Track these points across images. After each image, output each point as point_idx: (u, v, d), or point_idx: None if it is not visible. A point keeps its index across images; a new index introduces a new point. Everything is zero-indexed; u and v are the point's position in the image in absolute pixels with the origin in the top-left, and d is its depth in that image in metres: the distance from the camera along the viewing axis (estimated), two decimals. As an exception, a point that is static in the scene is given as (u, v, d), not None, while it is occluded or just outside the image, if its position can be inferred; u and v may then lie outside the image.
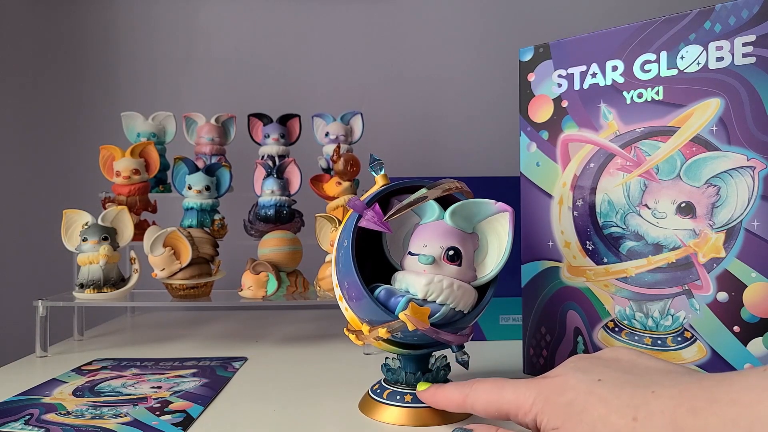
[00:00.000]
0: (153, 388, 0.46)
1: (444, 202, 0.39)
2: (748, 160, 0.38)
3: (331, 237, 0.53)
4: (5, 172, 0.90)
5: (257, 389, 0.47)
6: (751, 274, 0.37)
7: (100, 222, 0.60)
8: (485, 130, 0.92)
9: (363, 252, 0.38)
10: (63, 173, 0.90)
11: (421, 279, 0.36)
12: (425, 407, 0.39)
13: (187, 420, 0.39)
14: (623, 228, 0.43)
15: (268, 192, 0.66)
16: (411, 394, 0.39)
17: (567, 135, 0.45)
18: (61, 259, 0.69)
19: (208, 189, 0.67)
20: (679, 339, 0.40)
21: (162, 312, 0.84)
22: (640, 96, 0.42)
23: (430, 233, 0.37)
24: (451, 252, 0.37)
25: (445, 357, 0.42)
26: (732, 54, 0.38)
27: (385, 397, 0.40)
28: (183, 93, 0.91)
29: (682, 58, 0.40)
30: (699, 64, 0.39)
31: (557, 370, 0.31)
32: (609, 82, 0.43)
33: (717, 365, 0.39)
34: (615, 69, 0.43)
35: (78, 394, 0.45)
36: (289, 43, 0.92)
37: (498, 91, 0.89)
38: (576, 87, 0.45)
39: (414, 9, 0.93)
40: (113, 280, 0.60)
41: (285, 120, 0.76)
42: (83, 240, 0.59)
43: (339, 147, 0.66)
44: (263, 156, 0.75)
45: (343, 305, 0.40)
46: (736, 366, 0.38)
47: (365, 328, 0.37)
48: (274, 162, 0.73)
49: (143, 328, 0.72)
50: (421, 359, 0.41)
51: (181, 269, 0.59)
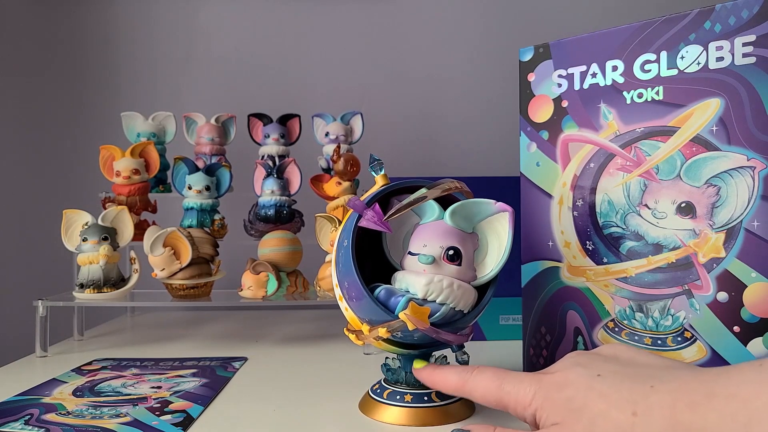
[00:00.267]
0: (153, 388, 0.46)
1: (444, 202, 0.39)
2: (748, 160, 0.38)
3: (331, 237, 0.53)
4: (5, 172, 0.90)
5: (257, 389, 0.47)
6: (751, 274, 0.37)
7: (100, 222, 0.60)
8: (485, 130, 0.92)
9: (363, 252, 0.38)
10: (63, 173, 0.90)
11: (421, 279, 0.36)
12: (425, 407, 0.39)
13: (187, 420, 0.39)
14: (623, 228, 0.43)
15: (268, 192, 0.66)
16: (411, 394, 0.39)
17: (567, 135, 0.45)
18: (61, 259, 0.69)
19: (208, 189, 0.67)
20: (679, 339, 0.40)
21: (162, 312, 0.84)
22: (640, 96, 0.42)
23: (430, 233, 0.37)
24: (451, 252, 0.37)
25: (445, 357, 0.42)
26: (732, 54, 0.38)
27: (386, 397, 0.40)
28: (183, 93, 0.91)
29: (682, 58, 0.40)
30: (699, 64, 0.39)
31: (557, 365, 0.32)
32: (609, 82, 0.43)
33: (717, 365, 0.38)
34: (615, 69, 0.43)
35: (78, 394, 0.45)
36: (289, 43, 0.92)
37: (498, 91, 0.89)
38: (576, 87, 0.45)
39: (414, 9, 0.93)
40: (113, 280, 0.60)
41: (285, 120, 0.76)
42: (83, 240, 0.59)
43: (339, 147, 0.66)
44: (263, 156, 0.75)
45: (343, 305, 0.40)
46: (736, 366, 0.38)
47: (365, 327, 0.37)
48: (274, 162, 0.73)
49: (143, 328, 0.72)
50: (421, 359, 0.41)
51: (181, 269, 0.59)
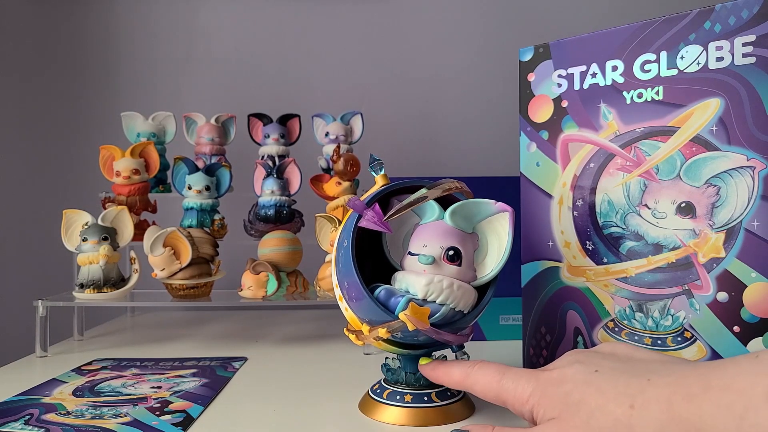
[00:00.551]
0: (153, 388, 0.46)
1: (444, 202, 0.39)
2: (748, 160, 0.37)
3: (331, 237, 0.53)
4: (5, 172, 0.90)
5: (257, 389, 0.47)
6: (751, 274, 0.37)
7: (100, 222, 0.60)
8: (485, 130, 0.92)
9: (363, 252, 0.38)
10: (63, 173, 0.90)
11: (421, 279, 0.36)
12: (426, 407, 0.39)
13: (187, 420, 0.39)
14: (623, 228, 0.43)
15: (268, 192, 0.66)
16: (411, 394, 0.39)
17: (567, 135, 0.45)
18: (61, 259, 0.69)
19: (208, 189, 0.67)
20: (679, 339, 0.40)
21: (162, 312, 0.84)
22: (640, 96, 0.42)
23: (430, 233, 0.37)
24: (451, 252, 0.37)
25: (445, 357, 0.42)
26: (732, 54, 0.38)
27: (386, 397, 0.40)
28: (183, 93, 0.91)
29: (682, 58, 0.40)
30: (699, 64, 0.39)
31: (556, 363, 0.32)
32: (609, 82, 0.43)
33: (717, 365, 0.39)
34: (615, 69, 0.43)
35: (78, 394, 0.45)
36: (289, 43, 0.92)
37: (498, 91, 0.89)
38: (576, 87, 0.45)
39: (414, 9, 0.93)
40: (113, 280, 0.60)
41: (285, 120, 0.76)
42: (83, 240, 0.59)
43: (339, 147, 0.66)
44: (263, 156, 0.75)
45: (343, 305, 0.40)
46: (736, 366, 0.38)
47: (365, 328, 0.37)
48: (274, 162, 0.73)
49: (143, 328, 0.72)
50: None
51: (181, 269, 0.59)
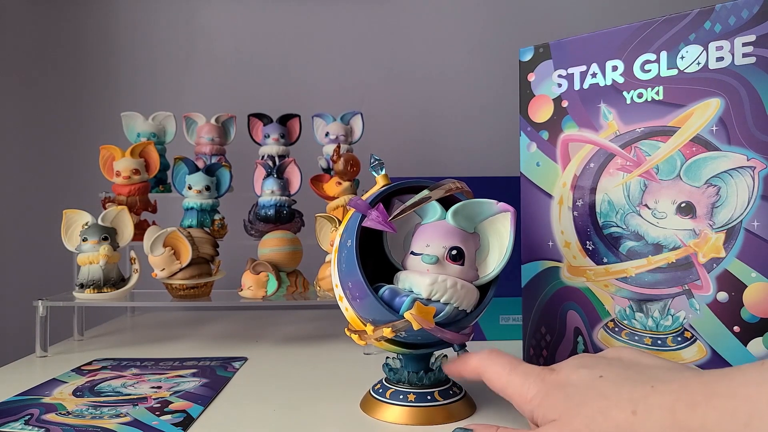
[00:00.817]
0: (153, 388, 0.46)
1: (444, 202, 0.39)
2: (748, 160, 0.38)
3: (331, 237, 0.53)
4: (5, 172, 0.90)
5: (257, 389, 0.47)
6: (751, 274, 0.37)
7: (100, 222, 0.60)
8: (485, 130, 0.92)
9: (364, 252, 0.38)
10: (63, 173, 0.90)
11: (425, 279, 0.36)
12: (428, 406, 0.39)
13: (187, 420, 0.39)
14: (623, 228, 0.43)
15: (268, 192, 0.66)
16: (414, 393, 0.39)
17: (567, 135, 0.45)
18: (61, 259, 0.69)
19: (208, 189, 0.67)
20: (679, 339, 0.40)
21: (162, 312, 0.84)
22: (640, 96, 0.42)
23: (432, 233, 0.38)
24: (454, 252, 0.37)
25: (446, 356, 0.42)
26: (732, 54, 0.38)
27: (388, 397, 0.40)
28: (183, 93, 0.91)
29: (682, 58, 0.40)
30: (699, 64, 0.39)
31: (562, 365, 0.32)
32: (609, 82, 0.43)
33: (717, 365, 0.39)
34: (615, 69, 0.43)
35: (78, 394, 0.45)
36: (289, 43, 0.92)
37: (498, 91, 0.89)
38: (576, 87, 0.45)
39: (414, 9, 0.93)
40: (113, 280, 0.60)
41: (285, 120, 0.76)
42: (83, 240, 0.59)
43: (339, 147, 0.66)
44: (263, 156, 0.75)
45: (344, 305, 0.40)
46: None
47: (369, 328, 0.37)
48: (274, 162, 0.73)
49: (143, 328, 0.72)
50: (423, 358, 0.41)
51: (181, 269, 0.59)
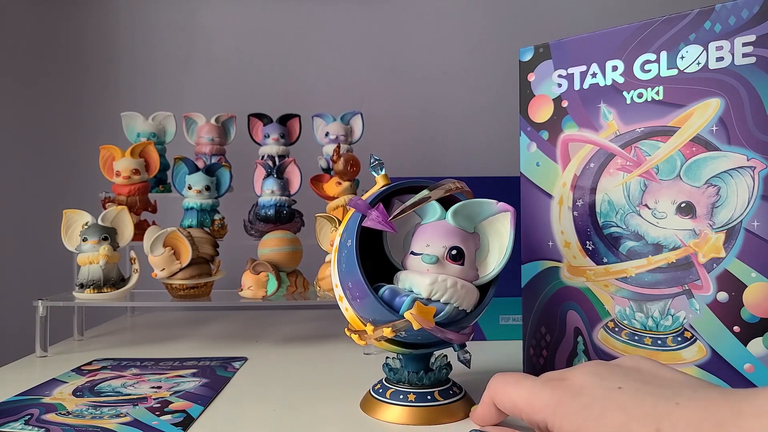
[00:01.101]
0: (153, 388, 0.46)
1: (444, 202, 0.39)
2: (748, 160, 0.38)
3: (331, 237, 0.53)
4: (5, 172, 0.90)
5: (257, 389, 0.47)
6: (751, 274, 0.37)
7: (100, 222, 0.60)
8: (485, 130, 0.92)
9: (364, 251, 0.38)
10: (63, 173, 0.90)
11: (426, 278, 0.36)
12: (429, 406, 0.39)
13: (187, 420, 0.39)
14: (623, 228, 0.43)
15: (268, 192, 0.66)
16: (414, 393, 0.39)
17: (567, 135, 0.45)
18: (61, 259, 0.69)
19: (208, 189, 0.67)
20: (679, 339, 0.40)
21: (162, 312, 0.84)
22: (640, 96, 0.42)
23: (432, 233, 0.38)
24: (454, 251, 0.37)
25: (446, 356, 0.42)
26: (732, 54, 0.38)
27: (388, 397, 0.40)
28: (183, 93, 0.91)
29: (682, 58, 0.40)
30: (699, 64, 0.39)
31: (574, 373, 0.30)
32: (609, 82, 0.43)
33: (717, 365, 0.39)
34: (615, 69, 0.43)
35: (78, 394, 0.45)
36: (289, 43, 0.92)
37: (498, 91, 0.89)
38: (576, 87, 0.45)
39: (414, 9, 0.93)
40: (113, 280, 0.60)
41: (285, 120, 0.76)
42: (83, 240, 0.59)
43: (339, 147, 0.66)
44: (263, 156, 0.75)
45: (344, 305, 0.40)
46: (735, 366, 0.38)
47: (369, 328, 0.37)
48: (274, 162, 0.73)
49: (143, 328, 0.72)
50: (423, 358, 0.41)
51: (181, 269, 0.59)
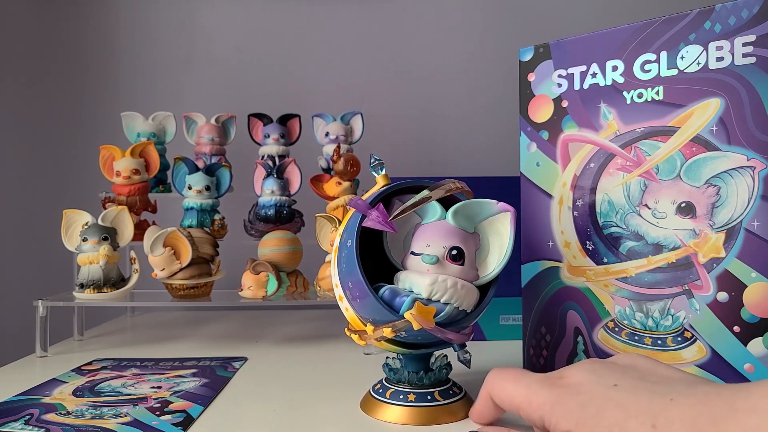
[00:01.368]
0: (153, 388, 0.46)
1: (444, 202, 0.39)
2: (748, 160, 0.38)
3: (331, 237, 0.53)
4: (5, 172, 0.90)
5: (257, 389, 0.47)
6: (751, 274, 0.37)
7: (100, 222, 0.60)
8: (485, 129, 0.92)
9: (364, 251, 0.38)
10: (63, 173, 0.90)
11: (426, 279, 0.36)
12: (429, 406, 0.39)
13: (187, 420, 0.39)
14: (623, 228, 0.43)
15: (268, 192, 0.66)
16: (414, 393, 0.39)
17: (567, 135, 0.45)
18: (61, 259, 0.69)
19: (208, 189, 0.67)
20: (679, 339, 0.40)
21: (162, 312, 0.84)
22: (640, 96, 0.42)
23: (432, 233, 0.38)
24: (454, 252, 0.37)
25: (446, 356, 0.42)
26: (732, 54, 0.38)
27: (388, 397, 0.40)
28: (183, 93, 0.91)
29: (682, 58, 0.40)
30: (699, 64, 0.39)
31: (570, 371, 0.31)
32: (609, 82, 0.43)
33: (717, 365, 0.39)
34: (615, 69, 0.43)
35: (78, 394, 0.45)
36: (289, 43, 0.92)
37: (498, 91, 0.89)
38: (576, 87, 0.45)
39: (414, 9, 0.93)
40: (113, 280, 0.60)
41: (285, 120, 0.76)
42: (83, 240, 0.59)
43: (339, 147, 0.66)
44: (263, 156, 0.75)
45: (344, 305, 0.40)
46: (736, 366, 0.38)
47: (369, 328, 0.37)
48: (274, 162, 0.73)
49: (143, 328, 0.72)
50: (423, 358, 0.41)
51: (181, 269, 0.59)
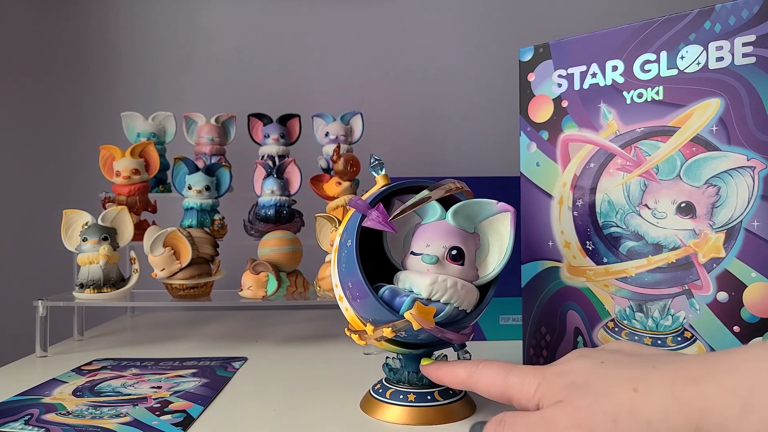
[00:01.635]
0: (153, 388, 0.46)
1: (444, 202, 0.39)
2: (748, 160, 0.38)
3: (331, 237, 0.53)
4: (5, 172, 0.90)
5: (257, 389, 0.47)
6: (751, 274, 0.37)
7: (100, 222, 0.60)
8: (485, 129, 0.92)
9: (364, 251, 0.38)
10: (63, 173, 0.90)
11: (426, 278, 0.36)
12: (429, 406, 0.39)
13: (187, 420, 0.39)
14: (623, 228, 0.43)
15: (268, 192, 0.66)
16: (414, 393, 0.39)
17: (567, 135, 0.45)
18: (61, 259, 0.69)
19: (208, 189, 0.67)
20: (679, 339, 0.40)
21: (162, 312, 0.84)
22: (640, 96, 0.42)
23: (432, 233, 0.38)
24: (454, 252, 0.37)
25: (446, 356, 0.42)
26: (732, 54, 0.38)
27: (388, 397, 0.40)
28: (183, 93, 0.91)
29: (682, 58, 0.40)
30: (699, 64, 0.39)
31: (561, 359, 0.32)
32: (609, 82, 0.43)
33: (717, 365, 0.39)
34: (615, 69, 0.43)
35: (78, 394, 0.45)
36: (289, 43, 0.92)
37: (498, 91, 0.89)
38: (576, 87, 0.45)
39: (414, 9, 0.93)
40: (113, 280, 0.60)
41: (285, 120, 0.76)
42: (83, 240, 0.59)
43: (339, 147, 0.66)
44: (263, 156, 0.75)
45: (344, 305, 0.40)
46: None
47: (369, 328, 0.37)
48: (274, 162, 0.73)
49: (143, 328, 0.72)
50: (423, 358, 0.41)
51: (181, 269, 0.59)
